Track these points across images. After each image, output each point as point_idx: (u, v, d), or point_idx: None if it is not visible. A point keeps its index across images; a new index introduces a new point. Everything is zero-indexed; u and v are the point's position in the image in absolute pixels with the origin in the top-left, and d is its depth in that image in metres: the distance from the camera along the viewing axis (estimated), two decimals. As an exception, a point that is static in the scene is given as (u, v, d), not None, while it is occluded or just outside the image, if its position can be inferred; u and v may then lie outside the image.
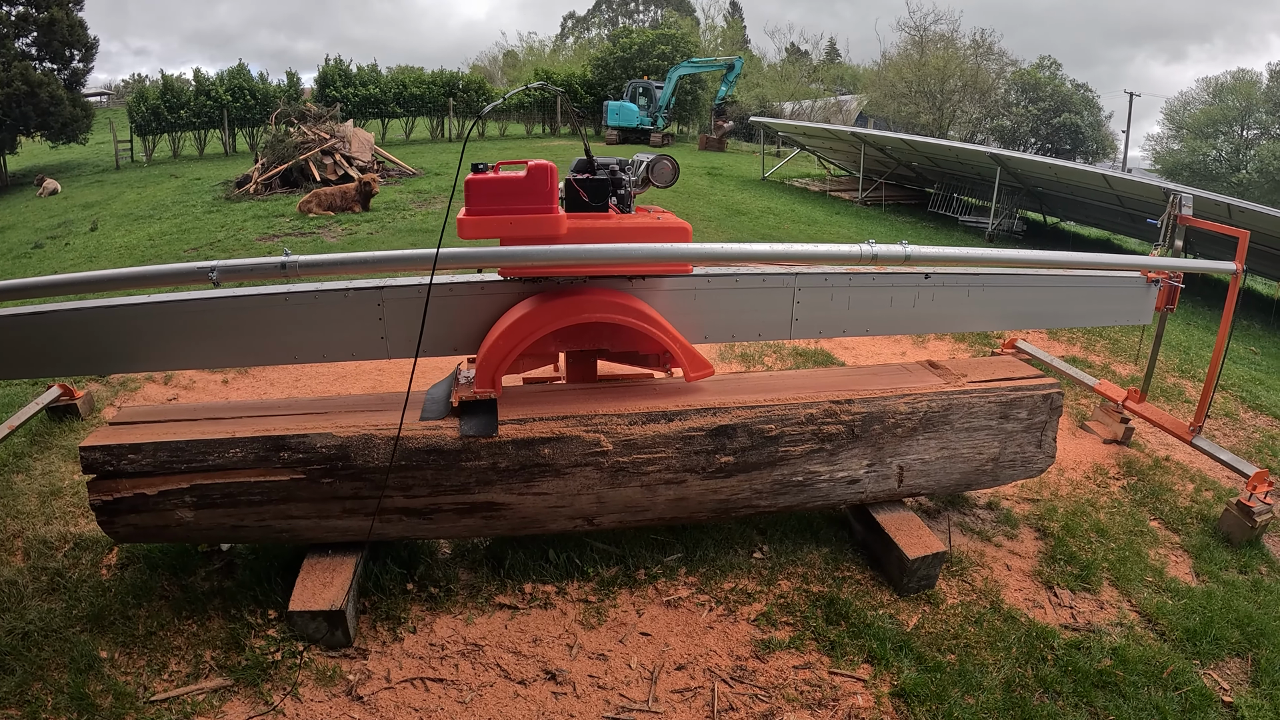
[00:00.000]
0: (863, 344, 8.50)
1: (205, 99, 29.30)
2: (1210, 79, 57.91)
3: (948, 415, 4.46)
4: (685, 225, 4.04)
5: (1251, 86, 54.58)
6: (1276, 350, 12.14)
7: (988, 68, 48.74)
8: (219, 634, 3.74)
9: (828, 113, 51.71)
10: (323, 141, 18.57)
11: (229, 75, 30.40)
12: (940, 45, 48.74)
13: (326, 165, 18.10)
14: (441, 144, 31.53)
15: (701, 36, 57.42)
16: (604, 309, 4.02)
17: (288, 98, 28.87)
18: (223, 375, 6.81)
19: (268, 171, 17.84)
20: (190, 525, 3.72)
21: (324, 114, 20.96)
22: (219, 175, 20.90)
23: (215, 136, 30.11)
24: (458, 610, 3.99)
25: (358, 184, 15.40)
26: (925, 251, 4.05)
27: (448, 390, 4.15)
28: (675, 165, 4.36)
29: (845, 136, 23.36)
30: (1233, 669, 4.23)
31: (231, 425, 3.80)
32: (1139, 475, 6.18)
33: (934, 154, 21.32)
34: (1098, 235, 21.97)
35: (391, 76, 34.45)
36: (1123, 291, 5.62)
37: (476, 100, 34.90)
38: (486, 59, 72.92)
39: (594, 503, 4.00)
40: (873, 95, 51.60)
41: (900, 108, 47.81)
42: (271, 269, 3.55)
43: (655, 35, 40.91)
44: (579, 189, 4.06)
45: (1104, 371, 8.49)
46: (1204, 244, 15.80)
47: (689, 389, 4.34)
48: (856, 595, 4.30)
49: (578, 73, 39.55)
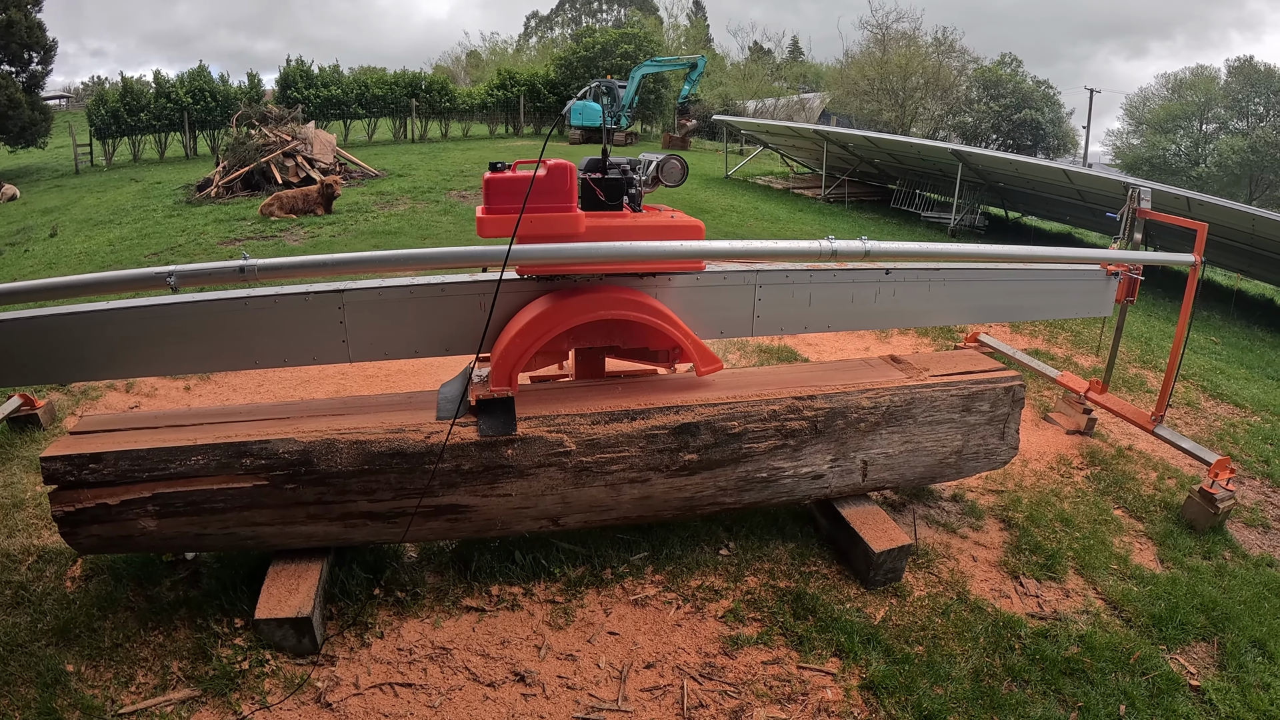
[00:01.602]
0: (827, 340, 8.54)
1: (165, 101, 28.83)
2: (1170, 75, 58.90)
3: (910, 409, 4.49)
4: (698, 223, 4.12)
5: (1210, 82, 55.45)
6: (1236, 340, 12.33)
7: (949, 65, 49.11)
8: (186, 644, 3.69)
9: (791, 110, 51.90)
10: (284, 144, 18.37)
11: (189, 77, 29.90)
12: (902, 43, 49.04)
13: (288, 167, 17.91)
14: (404, 145, 31.27)
15: (665, 35, 57.37)
16: (621, 306, 4.09)
17: (249, 99, 28.46)
18: (185, 382, 6.73)
19: (229, 174, 17.63)
20: (154, 534, 3.67)
21: (285, 116, 20.72)
22: (180, 179, 20.64)
23: (176, 139, 29.65)
24: (425, 614, 3.96)
25: (320, 186, 15.25)
26: (884, 247, 4.07)
27: (461, 389, 4.14)
28: (684, 164, 4.44)
29: (808, 134, 23.48)
30: (1199, 653, 4.30)
31: (193, 432, 3.76)
32: (1102, 465, 6.25)
33: (896, 151, 21.50)
34: (1059, 229, 22.23)
35: (354, 77, 34.08)
36: (1083, 284, 5.68)
37: (439, 101, 34.69)
38: (449, 59, 72.46)
39: (558, 503, 3.99)
40: (835, 93, 51.86)
41: (863, 105, 48.07)
42: (230, 273, 3.52)
43: (618, 34, 40.82)
44: (595, 188, 4.12)
45: (1066, 363, 8.58)
46: (1164, 237, 16.00)
47: (700, 383, 4.40)
48: (824, 590, 4.31)
49: (541, 72, 39.34)
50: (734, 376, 4.58)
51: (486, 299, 4.10)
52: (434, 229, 13.97)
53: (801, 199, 22.16)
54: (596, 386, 4.41)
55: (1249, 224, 14.01)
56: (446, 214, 15.49)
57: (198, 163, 26.11)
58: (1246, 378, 9.82)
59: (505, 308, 4.19)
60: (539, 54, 60.73)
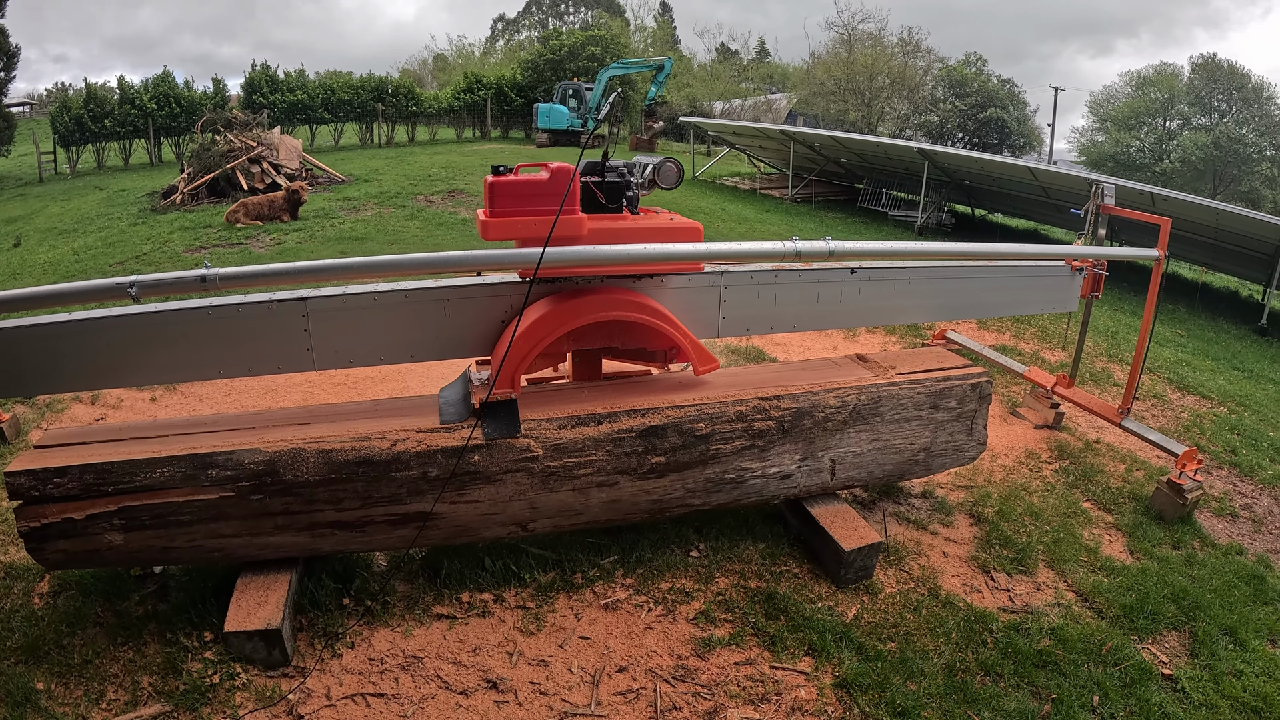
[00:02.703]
0: (794, 339, 8.57)
1: (130, 108, 28.43)
2: (1133, 73, 59.77)
3: (878, 407, 4.51)
4: (697, 225, 4.20)
5: (1174, 79, 56.32)
6: (1202, 332, 12.48)
7: (915, 65, 49.52)
8: (155, 659, 3.64)
9: (758, 111, 52.07)
10: (250, 149, 18.19)
11: (154, 83, 29.47)
12: (868, 43, 49.41)
13: (254, 174, 17.74)
14: (371, 149, 31.04)
15: (632, 37, 57.38)
16: (624, 307, 4.12)
17: (214, 105, 28.06)
18: (151, 393, 6.66)
19: (194, 181, 17.43)
20: (121, 548, 3.63)
21: (251, 121, 20.53)
22: (145, 186, 20.34)
23: (141, 146, 29.18)
24: (396, 623, 3.93)
25: (286, 192, 15.11)
26: (848, 246, 4.09)
27: (462, 393, 4.14)
28: (680, 167, 4.47)
29: (774, 135, 23.60)
30: (1171, 642, 4.35)
31: (158, 444, 3.71)
32: (1070, 458, 6.30)
33: (862, 150, 21.66)
34: (1025, 226, 22.47)
35: (319, 81, 33.71)
36: (1048, 280, 5.73)
37: (406, 105, 34.52)
38: (416, 62, 71.99)
39: (527, 508, 3.97)
40: (802, 93, 52.10)
41: (829, 105, 48.32)
42: (191, 283, 3.49)
43: (585, 37, 40.77)
44: (597, 191, 4.16)
45: (1033, 358, 8.65)
46: (1129, 232, 16.18)
47: (697, 383, 4.43)
48: (795, 589, 4.32)
49: (508, 75, 39.24)
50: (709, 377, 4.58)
51: (450, 304, 4.09)
52: (401, 234, 13.91)
53: (769, 199, 22.26)
54: (564, 390, 4.41)
55: (1213, 218, 14.20)
56: (413, 219, 15.44)
57: (163, 170, 25.81)
58: (1212, 369, 9.94)
59: (504, 311, 4.22)
60: (506, 57, 60.53)
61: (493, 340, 4.24)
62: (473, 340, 4.23)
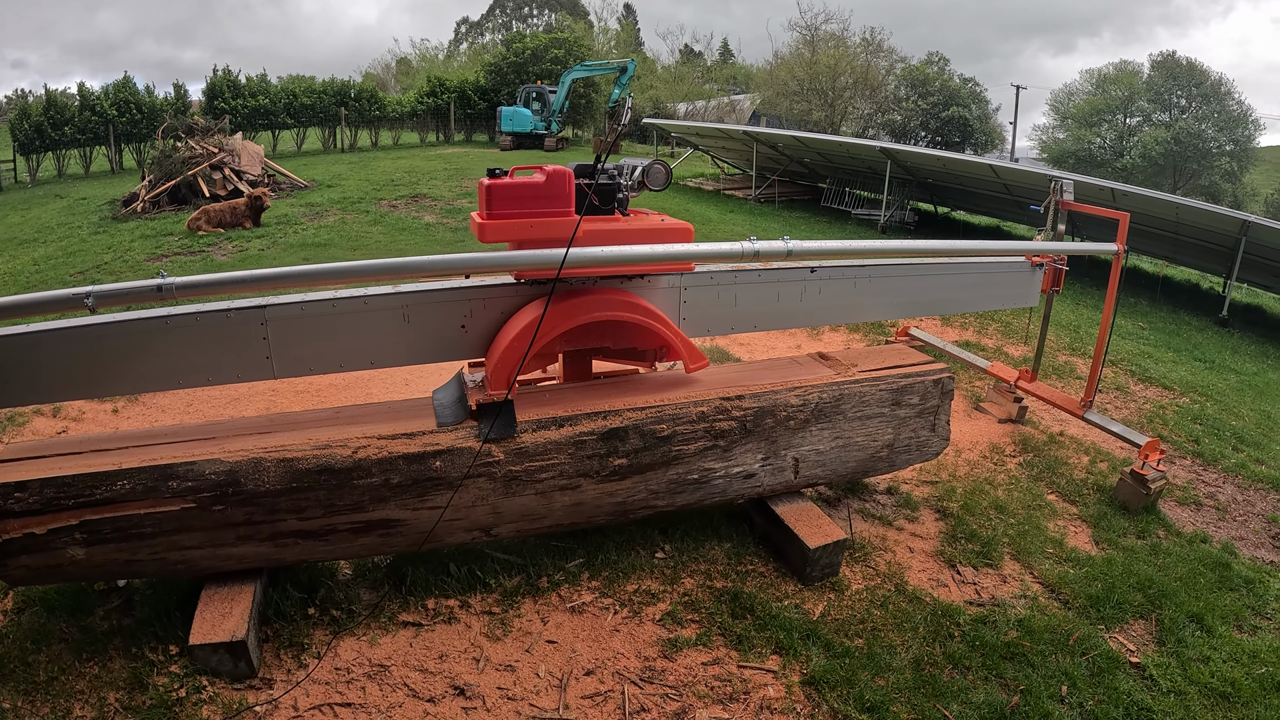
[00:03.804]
0: (758, 339, 8.60)
1: (90, 114, 28.00)
2: (1093, 70, 60.61)
3: (839, 405, 4.54)
4: (688, 226, 4.22)
5: (1133, 76, 57.24)
6: (1163, 325, 12.64)
7: (878, 65, 49.99)
8: (121, 674, 3.59)
9: (721, 112, 52.23)
10: (211, 156, 18.00)
11: (114, 89, 29.03)
12: (831, 44, 49.78)
13: (216, 180, 17.57)
14: (334, 154, 30.84)
15: (595, 40, 57.35)
16: (618, 307, 4.17)
17: (175, 111, 27.83)
18: (112, 404, 6.57)
19: (155, 189, 17.21)
20: (84, 563, 3.57)
21: (212, 127, 20.32)
22: (106, 194, 20.08)
23: (102, 153, 28.75)
24: (361, 631, 3.90)
25: (248, 199, 14.97)
26: (807, 246, 4.10)
27: (457, 394, 4.16)
28: (668, 169, 4.47)
29: (737, 135, 23.73)
30: (1138, 630, 4.41)
31: (118, 456, 3.66)
32: (1035, 451, 6.37)
33: (825, 150, 21.82)
34: (988, 223, 22.68)
35: (282, 86, 33.42)
36: (1009, 276, 5.79)
37: (369, 109, 34.35)
38: (379, 66, 71.76)
39: (489, 513, 3.96)
40: (766, 94, 52.41)
41: (793, 105, 48.64)
42: (148, 292, 3.44)
43: (548, 39, 40.79)
44: (591, 193, 4.16)
45: (997, 354, 8.73)
46: (1091, 227, 16.37)
47: (687, 380, 4.49)
48: (761, 588, 4.34)
49: (471, 79, 39.13)
50: (668, 378, 4.59)
51: (410, 310, 4.07)
52: (364, 240, 13.84)
53: (732, 200, 22.35)
54: (524, 394, 4.40)
55: (1173, 212, 14.38)
56: (377, 224, 15.38)
57: (124, 177, 25.51)
58: (1174, 361, 10.07)
59: (497, 312, 4.23)
60: (470, 60, 60.31)
61: (451, 345, 4.22)
62: (432, 345, 4.20)
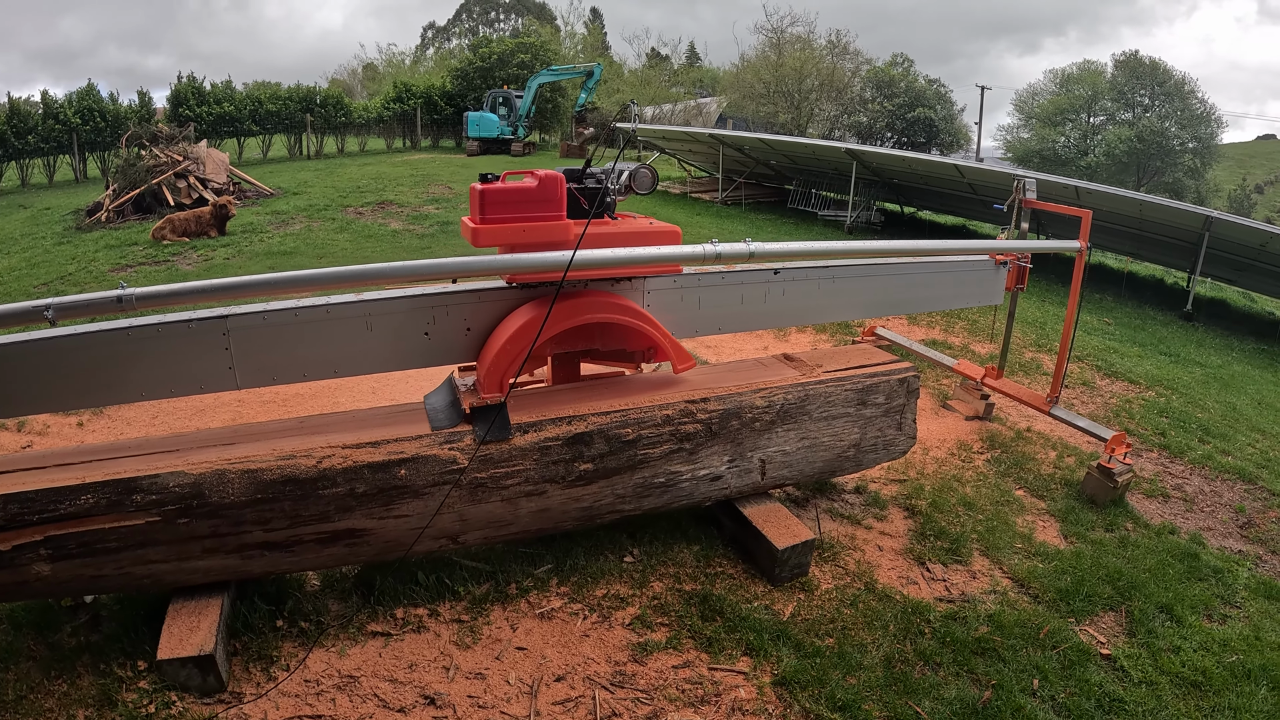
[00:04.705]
0: (726, 341, 8.62)
1: (54, 123, 27.61)
2: (1057, 70, 61.41)
3: (805, 406, 4.56)
4: (675, 228, 4.28)
5: (1097, 76, 58.09)
6: (1129, 320, 12.78)
7: (844, 67, 50.13)
8: (90, 691, 3.54)
9: (688, 115, 52.21)
10: (176, 164, 17.80)
11: (78, 96, 28.68)
12: (797, 46, 49.88)
13: (180, 189, 17.38)
14: (300, 161, 30.56)
15: (562, 44, 57.25)
16: (609, 310, 4.25)
17: (139, 118, 27.53)
18: (78, 417, 6.49)
19: (119, 198, 17.00)
20: (49, 579, 3.52)
21: (177, 135, 20.05)
22: (70, 204, 19.77)
23: (65, 162, 28.40)
24: (330, 643, 3.87)
25: (213, 207, 14.83)
26: (769, 248, 4.12)
27: (449, 398, 4.17)
28: (654, 173, 4.50)
29: (703, 138, 23.81)
30: (1108, 623, 4.46)
31: (82, 470, 3.62)
32: (1002, 448, 6.42)
33: (791, 152, 21.93)
34: (954, 222, 22.92)
35: (247, 93, 33.07)
36: (973, 275, 5.84)
37: (335, 115, 34.15)
38: (345, 71, 71.16)
39: (456, 521, 3.93)
40: (732, 97, 52.48)
41: (759, 108, 48.76)
42: (108, 304, 3.41)
43: (515, 44, 40.75)
44: (580, 197, 4.22)
45: (963, 351, 8.80)
46: (1057, 226, 16.58)
47: (674, 380, 4.53)
48: (730, 590, 4.35)
49: (437, 84, 39.00)
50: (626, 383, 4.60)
51: (373, 318, 4.05)
52: (330, 248, 13.76)
53: (699, 203, 22.42)
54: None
55: (1137, 209, 14.54)
56: (342, 232, 15.29)
57: (88, 186, 25.18)
58: (1139, 355, 10.19)
59: (488, 316, 4.24)
60: (436, 65, 60.10)
61: (415, 352, 4.20)
62: (396, 353, 4.17)
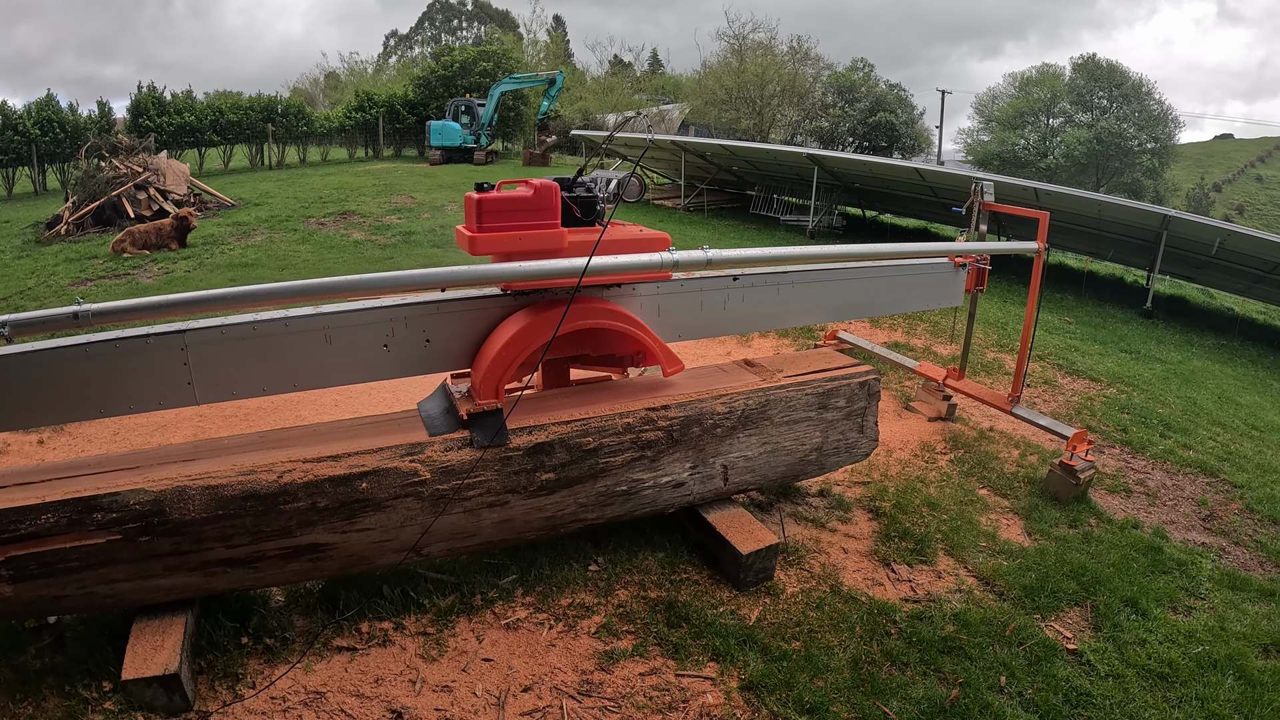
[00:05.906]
0: (688, 347, 8.60)
1: (13, 134, 27.12)
2: (1016, 74, 62.39)
3: (766, 411, 4.59)
4: (665, 235, 4.36)
5: (1056, 79, 58.96)
6: (1089, 318, 12.92)
7: (805, 72, 50.44)
8: (56, 713, 3.49)
9: (651, 122, 52.22)
10: (136, 175, 17.56)
11: (37, 107, 28.23)
12: (759, 53, 50.22)
13: (140, 200, 17.15)
14: (261, 172, 30.27)
15: (525, 52, 57.14)
16: (601, 315, 4.30)
17: (99, 129, 27.17)
18: (38, 435, 6.41)
19: (79, 210, 16.73)
20: (11, 600, 3.47)
21: (137, 146, 19.81)
22: (29, 216, 19.47)
23: (24, 174, 27.90)
24: (296, 658, 3.84)
25: (174, 219, 14.68)
26: (727, 254, 4.16)
27: (444, 404, 4.18)
28: (642, 181, 4.57)
29: (666, 145, 23.83)
30: (1073, 618, 4.53)
31: (42, 489, 3.57)
32: (965, 448, 6.48)
33: (753, 157, 22.08)
34: (916, 225, 23.10)
35: (207, 103, 32.59)
36: (932, 277, 5.89)
37: (297, 125, 33.87)
38: (307, 80, 70.67)
39: (419, 533, 3.91)
40: (695, 103, 52.66)
41: (721, 114, 48.94)
42: (64, 320, 3.39)
43: (477, 53, 40.60)
44: (573, 205, 4.29)
45: (926, 353, 8.88)
46: (1018, 227, 16.72)
47: (664, 384, 4.60)
48: (696, 596, 4.36)
49: (400, 93, 38.80)
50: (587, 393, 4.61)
51: (331, 331, 4.03)
52: (292, 259, 13.66)
53: (662, 209, 22.47)
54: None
55: (1096, 209, 14.71)
56: (305, 242, 15.20)
57: (47, 199, 24.83)
58: (1100, 353, 10.31)
59: (480, 324, 4.26)
60: (398, 74, 59.78)
61: (375, 365, 4.18)
62: (356, 366, 4.15)
